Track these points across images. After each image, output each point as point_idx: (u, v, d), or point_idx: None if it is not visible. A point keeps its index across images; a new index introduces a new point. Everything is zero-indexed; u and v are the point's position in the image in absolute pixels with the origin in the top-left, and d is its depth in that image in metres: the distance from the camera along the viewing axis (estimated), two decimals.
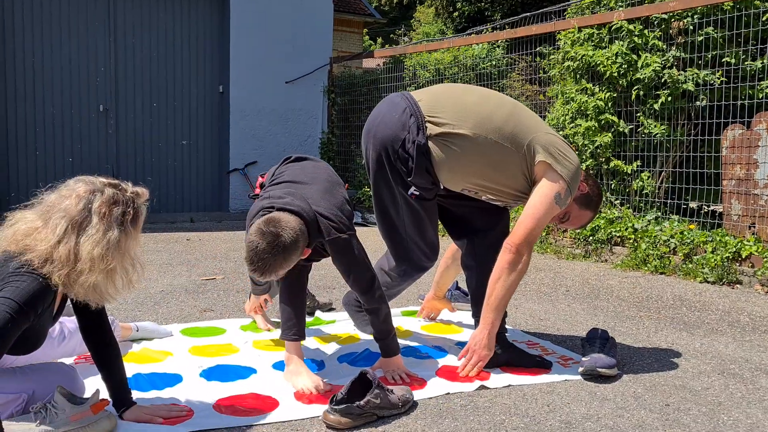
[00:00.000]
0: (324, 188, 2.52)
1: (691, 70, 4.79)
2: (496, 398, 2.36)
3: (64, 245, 1.81)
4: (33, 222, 1.86)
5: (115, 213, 1.86)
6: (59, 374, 2.12)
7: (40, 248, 1.81)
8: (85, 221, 1.83)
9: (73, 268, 1.81)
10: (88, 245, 1.81)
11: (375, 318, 2.51)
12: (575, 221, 2.81)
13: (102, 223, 1.83)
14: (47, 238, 1.81)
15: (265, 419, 2.12)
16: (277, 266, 2.22)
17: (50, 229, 1.82)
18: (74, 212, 1.83)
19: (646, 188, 5.10)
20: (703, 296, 4.06)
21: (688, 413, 2.26)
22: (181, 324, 3.24)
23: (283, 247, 2.20)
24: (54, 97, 7.56)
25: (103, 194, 1.87)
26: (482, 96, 2.65)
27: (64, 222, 1.82)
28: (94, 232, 1.82)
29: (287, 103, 8.45)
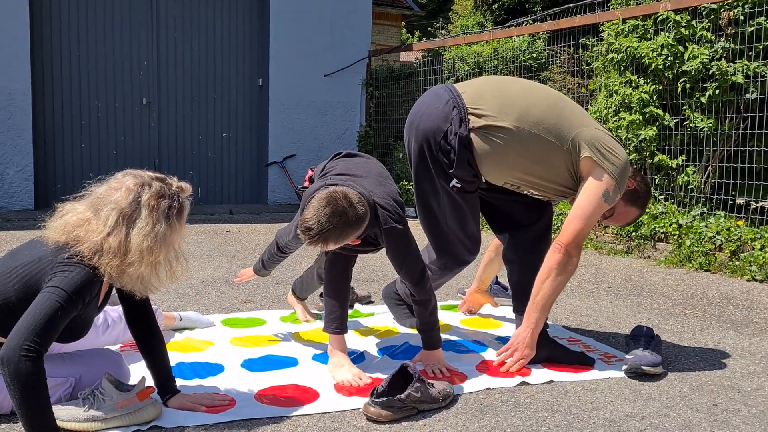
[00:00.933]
0: (378, 181, 2.53)
1: (741, 62, 4.64)
2: (537, 394, 2.33)
3: (115, 237, 1.84)
4: (83, 213, 1.89)
5: (162, 206, 1.89)
6: (106, 360, 2.17)
7: (91, 239, 1.84)
8: (135, 214, 1.86)
9: (123, 259, 1.84)
10: (138, 237, 1.84)
11: (423, 309, 2.50)
12: (619, 218, 2.74)
13: (151, 216, 1.87)
14: (98, 229, 1.84)
15: (305, 410, 2.13)
16: (334, 237, 2.20)
17: (101, 220, 1.85)
18: (124, 204, 1.86)
19: (692, 183, 4.98)
20: (751, 294, 3.95)
21: (738, 414, 2.19)
22: (222, 314, 3.28)
23: (349, 219, 2.19)
24: (98, 91, 7.71)
25: (151, 188, 1.90)
26: (526, 88, 2.61)
27: (115, 214, 1.85)
28: (144, 224, 1.85)
29: (325, 96, 8.48)
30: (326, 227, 2.17)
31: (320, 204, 2.19)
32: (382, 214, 2.37)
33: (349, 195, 2.23)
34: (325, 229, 2.17)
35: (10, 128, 7.15)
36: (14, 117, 7.15)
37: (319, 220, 2.17)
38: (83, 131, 7.70)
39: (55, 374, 2.03)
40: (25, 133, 7.21)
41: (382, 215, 2.37)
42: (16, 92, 7.12)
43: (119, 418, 1.94)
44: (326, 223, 2.17)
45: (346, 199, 2.21)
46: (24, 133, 7.20)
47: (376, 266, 4.57)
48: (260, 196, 8.51)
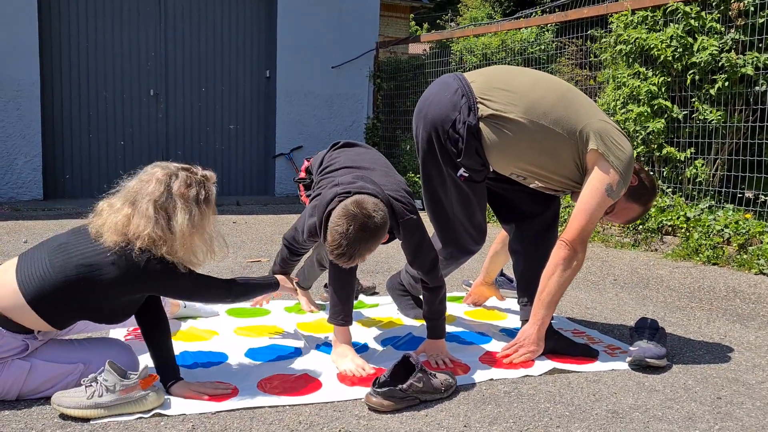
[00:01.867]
0: (385, 172, 2.52)
1: (751, 54, 4.60)
2: (540, 386, 2.33)
3: (157, 225, 1.99)
4: (123, 210, 2.02)
5: (191, 194, 2.05)
6: (116, 348, 2.18)
7: (145, 232, 1.98)
8: (169, 203, 2.02)
9: (172, 243, 2.01)
10: (178, 225, 2.00)
11: (434, 297, 2.50)
12: (621, 214, 2.70)
13: (183, 203, 2.02)
14: (144, 223, 1.99)
15: (307, 399, 2.14)
16: (366, 250, 2.21)
17: (142, 214, 1.99)
18: (157, 195, 2.01)
19: (700, 176, 4.94)
20: (759, 288, 3.92)
21: (742, 407, 2.18)
22: None
23: (373, 229, 2.18)
24: (107, 82, 7.73)
25: (178, 177, 2.06)
26: (536, 79, 2.59)
27: (152, 206, 2.00)
28: (180, 212, 2.01)
29: (333, 88, 8.47)
30: (356, 247, 2.17)
31: (342, 227, 2.16)
32: (398, 207, 2.37)
33: (364, 204, 2.19)
34: (356, 249, 2.17)
35: (19, 119, 7.18)
36: (23, 108, 7.18)
37: (348, 243, 2.16)
38: (91, 122, 7.73)
39: (64, 360, 2.06)
40: (33, 124, 7.24)
41: (398, 208, 2.37)
42: (24, 83, 7.15)
43: (122, 406, 1.95)
44: (355, 244, 2.16)
45: (363, 211, 2.16)
46: (33, 124, 7.24)
47: (381, 258, 4.56)
48: (267, 187, 8.52)
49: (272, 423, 1.97)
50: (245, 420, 1.98)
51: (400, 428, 1.96)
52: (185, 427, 1.92)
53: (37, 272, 1.97)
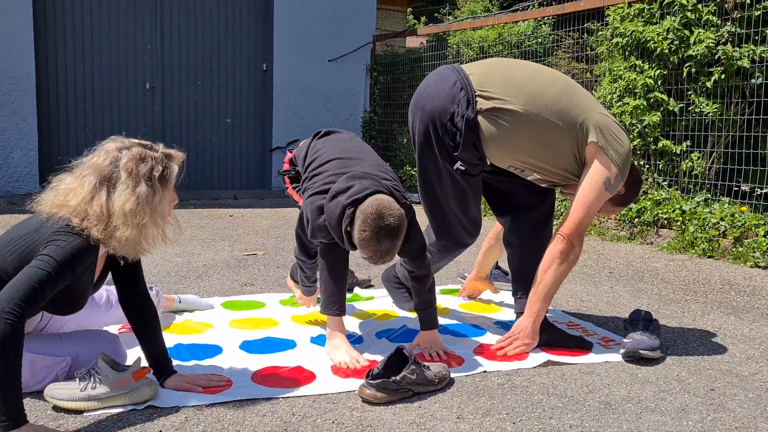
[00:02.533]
0: (374, 161, 2.51)
1: (747, 47, 4.59)
2: (534, 377, 2.33)
3: (97, 201, 1.85)
4: (70, 183, 1.90)
5: (142, 169, 1.88)
6: (103, 341, 2.18)
7: (73, 203, 1.85)
8: (113, 177, 1.86)
9: (108, 223, 1.85)
10: (119, 200, 1.85)
11: (422, 286, 2.50)
12: (604, 211, 2.79)
13: (130, 178, 1.86)
14: (80, 195, 1.86)
15: (301, 391, 2.14)
16: (394, 250, 2.24)
17: (81, 185, 1.86)
18: (102, 167, 1.87)
19: (696, 169, 4.95)
20: (754, 281, 3.93)
21: (734, 398, 2.19)
22: (222, 297, 3.29)
23: (399, 228, 2.21)
24: (102, 75, 7.71)
25: (130, 151, 1.90)
26: (535, 72, 2.58)
27: (93, 178, 1.86)
28: (124, 188, 1.85)
29: (330, 82, 8.45)
30: (387, 251, 2.21)
31: (371, 239, 2.18)
32: (397, 195, 2.37)
33: (381, 210, 2.19)
34: (386, 253, 2.22)
35: (15, 112, 7.16)
36: (18, 101, 7.16)
37: (379, 250, 2.20)
38: (87, 115, 7.71)
39: (52, 353, 2.05)
40: (29, 118, 7.22)
41: (397, 197, 2.37)
42: (20, 76, 7.12)
43: (115, 398, 1.95)
44: (386, 249, 2.20)
45: (384, 219, 2.18)
46: (28, 117, 7.22)
47: None
48: (264, 181, 8.52)
49: (266, 415, 1.97)
50: (239, 412, 1.98)
51: (394, 420, 1.96)
52: (178, 419, 1.92)
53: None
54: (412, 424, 1.94)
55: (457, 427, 1.92)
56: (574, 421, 1.98)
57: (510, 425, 1.95)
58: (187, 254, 4.35)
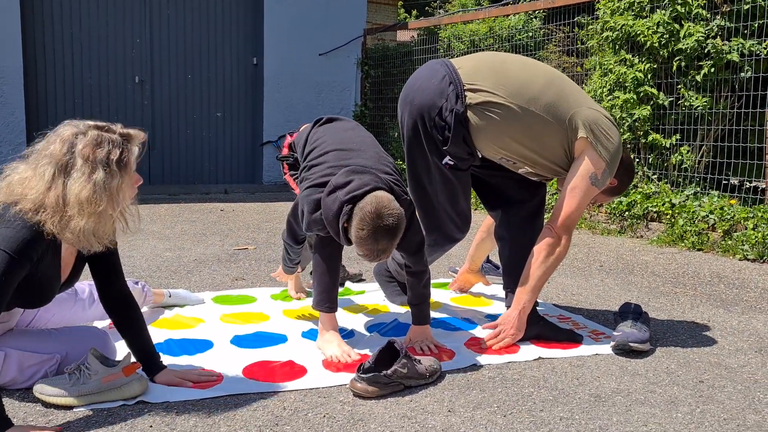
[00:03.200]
0: (375, 153, 2.48)
1: (736, 40, 4.61)
2: (524, 371, 2.34)
3: (53, 191, 1.77)
4: (24, 172, 1.83)
5: (99, 155, 1.79)
6: (92, 337, 2.16)
7: (31, 196, 1.78)
8: (69, 164, 1.78)
9: (63, 213, 1.77)
10: (74, 188, 1.76)
11: (417, 282, 2.50)
12: (599, 200, 2.82)
13: (86, 165, 1.78)
14: (37, 186, 1.78)
15: (292, 386, 2.14)
16: (392, 247, 2.23)
17: (38, 175, 1.78)
18: (59, 155, 1.78)
19: (686, 162, 4.97)
20: (743, 273, 3.96)
21: (723, 390, 2.21)
22: (213, 292, 3.28)
23: (396, 227, 2.19)
24: (91, 68, 7.65)
25: (86, 136, 1.81)
26: (524, 65, 2.58)
27: (51, 167, 1.78)
28: (79, 175, 1.77)
29: (321, 76, 8.42)
30: (383, 250, 2.20)
31: (368, 237, 2.16)
32: (397, 191, 2.35)
33: (380, 208, 2.16)
34: (383, 252, 2.21)
35: (3, 106, 7.11)
36: (6, 95, 7.10)
37: (376, 249, 2.19)
38: (76, 109, 7.65)
39: (40, 350, 2.04)
40: (17, 112, 7.16)
41: (397, 192, 2.35)
42: (7, 70, 7.06)
43: (105, 393, 1.94)
44: (383, 248, 2.19)
45: (381, 219, 2.15)
46: (16, 111, 7.16)
47: None
48: (255, 175, 8.49)
49: (257, 409, 1.97)
50: (230, 407, 1.98)
51: (385, 414, 1.96)
52: (169, 415, 1.91)
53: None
54: (404, 417, 1.94)
55: (448, 421, 1.93)
56: (564, 414, 1.99)
57: (501, 418, 1.95)
58: (177, 249, 4.34)
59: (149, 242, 4.54)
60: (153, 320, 2.76)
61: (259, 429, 1.85)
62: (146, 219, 5.58)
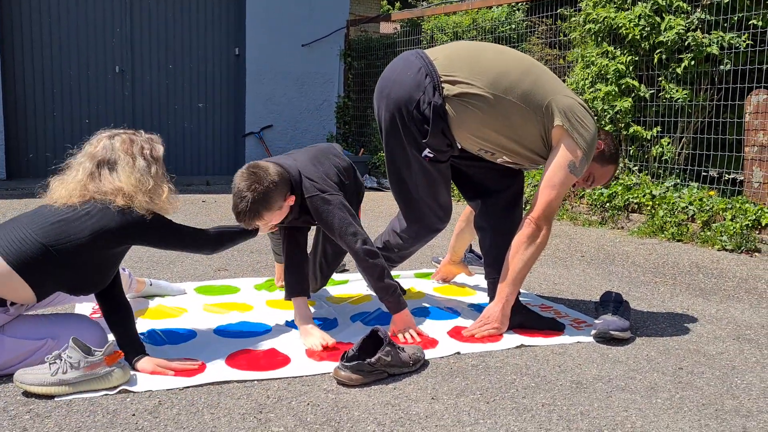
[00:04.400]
0: (314, 155, 2.64)
1: (716, 33, 4.66)
2: (507, 358, 2.36)
3: (105, 183, 2.07)
4: (78, 177, 2.09)
5: (135, 148, 2.14)
6: (84, 324, 2.15)
7: (105, 189, 2.07)
8: (111, 158, 2.11)
9: (131, 198, 2.07)
10: (123, 176, 2.08)
11: (369, 277, 2.54)
12: (600, 179, 2.77)
13: (128, 155, 2.11)
14: (100, 181, 2.09)
15: (276, 374, 2.14)
16: (260, 207, 2.33)
17: (92, 175, 2.09)
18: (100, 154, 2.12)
19: (666, 154, 5.02)
20: (721, 264, 4.01)
21: (701, 376, 2.24)
22: (195, 282, 3.27)
23: (264, 189, 2.32)
24: (71, 58, 7.55)
25: (121, 136, 2.16)
26: (499, 54, 2.58)
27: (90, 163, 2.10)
28: (124, 164, 2.10)
29: (303, 67, 8.38)
30: (248, 202, 2.31)
31: (238, 181, 2.36)
32: (306, 183, 2.48)
33: (261, 166, 2.38)
34: (248, 205, 2.32)
35: None
36: None
37: (241, 198, 2.33)
38: (55, 100, 7.55)
39: (33, 336, 2.03)
40: None
41: (306, 185, 2.48)
42: None
43: (87, 382, 1.93)
44: (248, 199, 2.31)
45: (258, 168, 2.36)
46: None
47: None
48: (238, 166, 8.33)
49: (240, 398, 1.97)
50: (213, 395, 1.98)
51: (369, 401, 1.97)
52: (152, 403, 1.90)
53: (17, 237, 1.98)
54: (387, 405, 1.95)
55: (431, 408, 1.94)
56: (546, 400, 2.01)
57: (484, 405, 1.97)
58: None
59: None
60: (137, 311, 2.74)
61: (242, 417, 1.85)
62: None
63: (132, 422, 1.79)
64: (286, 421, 1.83)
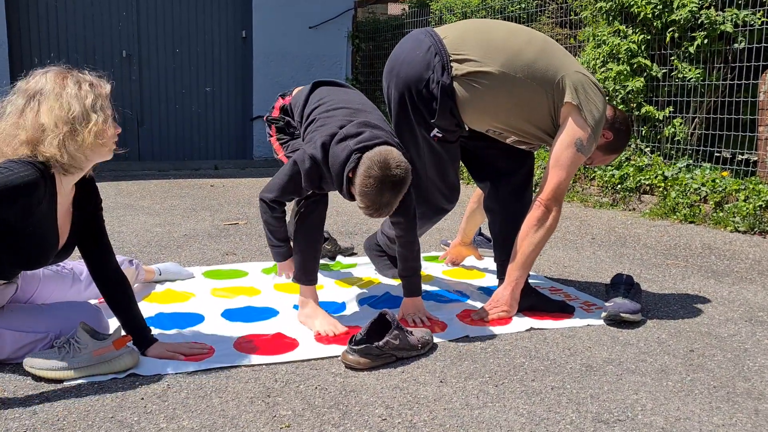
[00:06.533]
0: (380, 116, 2.46)
1: (730, 11, 4.57)
2: (516, 341, 2.34)
3: (28, 118, 1.81)
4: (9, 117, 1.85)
5: (70, 78, 1.89)
6: (85, 312, 2.15)
7: (5, 135, 1.81)
8: (42, 89, 1.85)
9: (41, 133, 1.81)
10: (47, 106, 1.82)
11: (408, 252, 2.47)
12: (599, 162, 2.78)
13: (58, 85, 1.86)
14: (14, 121, 1.82)
15: (284, 358, 2.13)
16: (396, 203, 2.19)
17: (9, 112, 1.84)
18: (31, 87, 1.86)
19: (678, 135, 4.96)
20: (734, 245, 3.97)
21: (713, 359, 2.22)
22: (203, 267, 3.27)
23: (401, 183, 2.15)
24: (77, 43, 7.53)
25: (59, 68, 1.93)
26: (510, 31, 2.54)
27: (21, 99, 1.85)
28: (52, 93, 1.84)
29: (311, 49, 8.33)
30: (386, 203, 2.15)
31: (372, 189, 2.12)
32: (403, 154, 2.29)
33: (387, 161, 2.13)
34: (386, 205, 2.16)
35: None
36: None
37: (380, 201, 2.14)
38: None
39: (33, 329, 2.02)
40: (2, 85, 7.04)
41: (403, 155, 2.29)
42: None
43: (95, 367, 1.93)
44: (386, 201, 2.15)
45: (388, 170, 2.12)
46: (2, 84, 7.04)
47: (359, 219, 4.55)
48: (245, 150, 8.43)
49: (248, 381, 1.96)
50: (221, 379, 1.97)
51: (377, 385, 1.96)
52: (160, 387, 1.91)
53: None
54: (396, 388, 1.94)
55: (440, 391, 1.93)
56: (555, 383, 2.00)
57: (492, 388, 1.96)
58: (167, 224, 4.31)
59: (139, 217, 4.51)
60: (144, 294, 2.74)
61: (251, 401, 1.84)
62: (136, 195, 5.54)
63: (140, 406, 1.79)
64: (294, 405, 1.82)
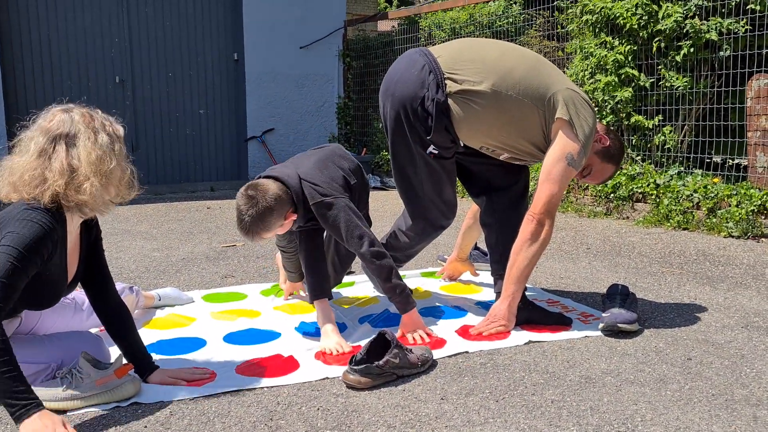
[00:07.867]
0: (319, 159, 2.63)
1: (714, 19, 4.64)
2: (515, 356, 2.36)
3: (56, 159, 1.82)
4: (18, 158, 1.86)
5: (96, 121, 1.90)
6: (86, 342, 2.16)
7: (27, 175, 1.81)
8: (71, 132, 1.84)
9: (71, 178, 1.82)
10: (83, 153, 1.83)
11: (377, 278, 2.54)
12: (597, 175, 2.75)
13: (89, 129, 1.86)
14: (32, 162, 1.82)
15: (285, 380, 2.15)
16: (258, 228, 2.38)
17: (33, 153, 1.83)
18: (56, 128, 1.85)
19: (669, 143, 5.01)
20: (728, 250, 4.00)
21: (710, 366, 2.24)
22: (202, 290, 3.28)
23: (260, 211, 2.35)
24: (71, 70, 7.57)
25: (79, 109, 1.91)
26: (503, 50, 2.59)
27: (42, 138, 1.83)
28: (84, 139, 1.84)
29: (302, 69, 8.39)
30: (246, 223, 2.36)
31: (238, 201, 2.40)
32: (309, 189, 2.47)
33: (260, 185, 2.41)
34: (246, 225, 2.37)
35: None
36: None
37: (240, 219, 2.38)
38: None
39: (35, 360, 2.03)
40: None
41: (309, 191, 2.47)
42: None
43: (98, 396, 1.94)
44: (246, 220, 2.36)
45: (256, 189, 2.38)
46: None
47: None
48: (241, 171, 8.46)
49: (251, 405, 1.98)
50: (223, 404, 1.99)
51: (378, 404, 1.98)
52: (163, 414, 1.92)
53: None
54: (397, 407, 1.96)
55: (441, 408, 1.95)
56: (555, 396, 2.02)
57: (493, 403, 1.97)
58: (165, 248, 4.33)
59: (136, 242, 4.52)
60: (145, 321, 2.76)
61: (253, 425, 1.86)
62: (133, 219, 5.56)
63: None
64: (297, 427, 1.84)
